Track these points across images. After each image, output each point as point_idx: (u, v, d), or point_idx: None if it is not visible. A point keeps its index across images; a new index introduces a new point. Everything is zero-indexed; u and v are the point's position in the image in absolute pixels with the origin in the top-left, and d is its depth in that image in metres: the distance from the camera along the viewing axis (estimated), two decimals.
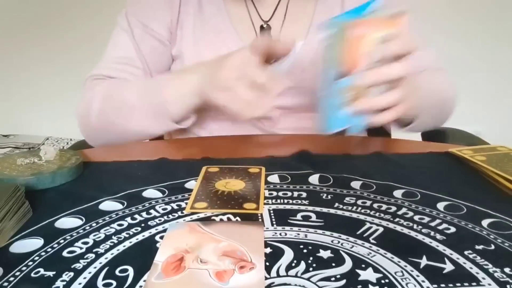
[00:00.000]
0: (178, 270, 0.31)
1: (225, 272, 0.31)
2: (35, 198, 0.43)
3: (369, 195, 0.45)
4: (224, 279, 0.30)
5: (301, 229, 0.38)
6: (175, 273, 0.31)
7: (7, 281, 0.31)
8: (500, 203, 0.43)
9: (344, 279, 0.31)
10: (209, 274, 0.31)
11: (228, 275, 0.31)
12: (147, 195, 0.45)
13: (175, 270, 0.31)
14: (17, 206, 0.39)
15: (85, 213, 0.41)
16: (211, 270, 0.31)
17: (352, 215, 0.41)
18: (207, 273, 0.31)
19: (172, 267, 0.32)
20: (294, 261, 0.33)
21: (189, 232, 0.37)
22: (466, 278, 0.31)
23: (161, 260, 0.33)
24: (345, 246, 0.35)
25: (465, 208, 0.42)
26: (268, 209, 0.42)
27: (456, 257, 0.34)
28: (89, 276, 0.32)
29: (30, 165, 0.49)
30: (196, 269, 0.31)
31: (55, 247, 0.36)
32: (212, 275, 0.31)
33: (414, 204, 0.43)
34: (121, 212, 0.41)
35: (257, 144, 0.68)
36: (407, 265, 0.33)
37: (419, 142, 0.64)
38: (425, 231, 0.38)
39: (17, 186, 0.41)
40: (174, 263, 0.32)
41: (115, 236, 0.37)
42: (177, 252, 0.34)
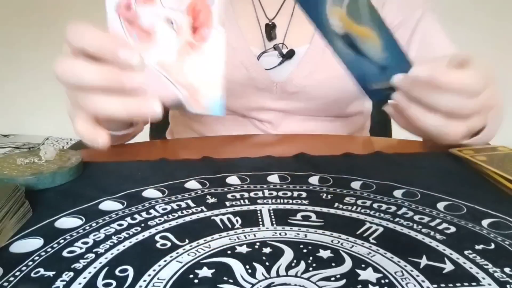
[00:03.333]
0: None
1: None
2: (35, 198, 0.43)
3: (369, 195, 0.45)
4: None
5: (301, 229, 0.38)
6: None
7: (7, 281, 0.31)
8: (500, 203, 0.43)
9: (344, 279, 0.31)
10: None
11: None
12: (147, 195, 0.45)
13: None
14: (17, 206, 0.39)
15: (85, 213, 0.41)
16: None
17: (352, 215, 0.41)
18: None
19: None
20: (294, 261, 0.33)
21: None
22: (466, 278, 0.31)
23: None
24: (345, 246, 0.35)
25: (465, 208, 0.42)
26: (268, 209, 0.42)
27: (456, 257, 0.34)
28: (89, 276, 0.32)
29: (30, 165, 0.49)
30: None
31: (55, 247, 0.36)
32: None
33: (414, 204, 0.43)
34: (121, 212, 0.41)
35: (257, 144, 0.68)
36: (407, 265, 0.33)
37: (419, 142, 0.64)
38: (425, 231, 0.38)
39: (17, 186, 0.41)
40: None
41: (115, 236, 0.37)
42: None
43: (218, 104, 0.33)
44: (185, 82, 0.32)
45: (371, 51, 0.43)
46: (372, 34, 0.41)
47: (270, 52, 0.72)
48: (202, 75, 0.32)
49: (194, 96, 0.33)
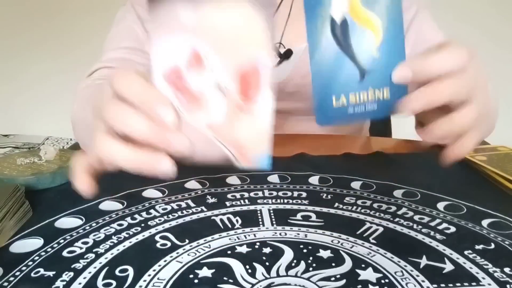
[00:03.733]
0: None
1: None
2: (35, 198, 0.43)
3: (369, 195, 0.45)
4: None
5: (301, 229, 0.38)
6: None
7: (7, 281, 0.31)
8: (500, 203, 0.43)
9: (344, 279, 0.31)
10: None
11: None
12: (147, 195, 0.45)
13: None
14: (17, 206, 0.39)
15: (85, 213, 0.41)
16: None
17: (352, 215, 0.41)
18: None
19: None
20: (294, 261, 0.33)
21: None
22: (466, 278, 0.31)
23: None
24: (345, 246, 0.35)
25: (465, 208, 0.42)
26: (268, 209, 0.42)
27: (456, 257, 0.34)
28: (89, 276, 0.32)
29: (30, 165, 0.49)
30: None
31: (55, 247, 0.36)
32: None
33: (414, 204, 0.43)
34: (121, 212, 0.41)
35: None
36: (407, 265, 0.33)
37: (419, 142, 0.64)
38: (425, 231, 0.38)
39: (17, 186, 0.41)
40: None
41: (115, 236, 0.37)
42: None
43: (265, 158, 0.33)
44: (234, 142, 0.33)
45: (363, 46, 0.35)
46: (376, 25, 0.35)
47: None
48: (250, 134, 0.33)
49: (241, 151, 0.33)
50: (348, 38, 0.34)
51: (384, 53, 0.35)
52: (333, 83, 0.35)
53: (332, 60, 0.35)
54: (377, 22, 0.35)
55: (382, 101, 0.36)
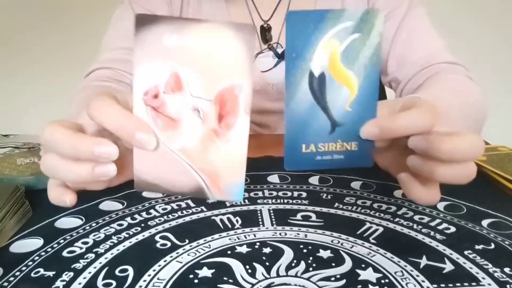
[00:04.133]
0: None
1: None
2: (35, 198, 0.43)
3: (369, 195, 0.45)
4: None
5: (301, 229, 0.38)
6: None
7: (7, 281, 0.31)
8: (500, 203, 0.43)
9: (344, 279, 0.31)
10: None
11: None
12: (147, 195, 0.45)
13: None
14: (17, 206, 0.39)
15: (85, 213, 0.41)
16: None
17: (352, 215, 0.41)
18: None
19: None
20: (294, 261, 0.33)
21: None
22: (466, 278, 0.31)
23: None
24: (345, 246, 0.35)
25: (465, 208, 0.42)
26: (268, 209, 0.42)
27: (456, 257, 0.34)
28: (89, 276, 0.32)
29: (30, 165, 0.49)
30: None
31: (55, 247, 0.36)
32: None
33: (414, 204, 0.43)
34: (121, 212, 0.41)
35: (257, 144, 0.68)
36: (407, 265, 0.33)
37: None
38: (425, 231, 0.38)
39: (17, 186, 0.41)
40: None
41: (115, 236, 0.37)
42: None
43: (238, 190, 0.34)
44: (207, 168, 0.34)
45: (337, 101, 0.36)
46: (353, 82, 0.36)
47: (266, 53, 0.72)
48: (225, 161, 0.33)
49: (215, 181, 0.34)
50: (324, 91, 0.36)
51: (357, 109, 0.37)
52: (304, 132, 0.37)
53: (306, 110, 0.36)
54: (354, 80, 0.36)
55: (350, 152, 0.37)
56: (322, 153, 0.38)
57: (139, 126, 0.33)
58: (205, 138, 0.33)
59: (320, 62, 0.35)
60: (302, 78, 0.35)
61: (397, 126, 0.35)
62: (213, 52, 0.32)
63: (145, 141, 0.33)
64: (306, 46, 0.35)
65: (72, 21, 1.96)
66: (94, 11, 1.89)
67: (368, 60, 0.36)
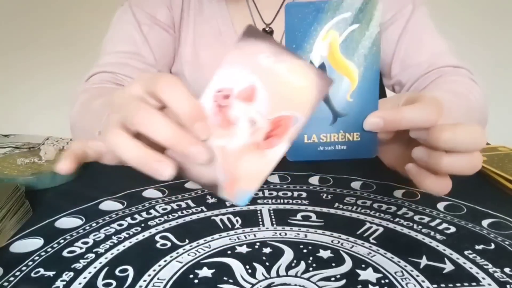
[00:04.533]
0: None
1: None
2: (35, 198, 0.43)
3: (369, 195, 0.45)
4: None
5: (301, 229, 0.38)
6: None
7: (7, 281, 0.31)
8: (500, 203, 0.43)
9: (344, 279, 0.31)
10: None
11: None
12: (147, 195, 0.45)
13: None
14: (17, 206, 0.39)
15: (85, 213, 0.41)
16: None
17: (352, 215, 0.41)
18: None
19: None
20: (294, 261, 0.33)
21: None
22: (466, 278, 0.31)
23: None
24: (345, 246, 0.35)
25: (465, 208, 0.42)
26: (268, 209, 0.42)
27: (456, 257, 0.34)
28: (89, 276, 0.32)
29: (30, 165, 0.49)
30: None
31: (55, 247, 0.36)
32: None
33: (414, 204, 0.43)
34: (121, 212, 0.41)
35: None
36: (407, 265, 0.33)
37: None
38: (425, 231, 0.38)
39: (17, 186, 0.41)
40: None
41: (115, 236, 0.37)
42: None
43: (246, 196, 0.35)
44: (233, 171, 0.35)
45: (338, 91, 0.36)
46: (353, 72, 0.36)
47: None
48: (250, 170, 0.35)
49: (232, 184, 0.35)
50: None
51: (358, 100, 0.37)
52: (306, 123, 0.37)
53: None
54: (354, 70, 0.36)
55: (352, 143, 0.37)
56: (325, 144, 0.38)
57: (200, 114, 0.33)
58: (246, 146, 0.35)
59: (320, 53, 0.36)
60: None
61: (401, 118, 0.35)
62: (291, 83, 0.34)
63: (201, 130, 0.33)
64: (305, 37, 0.35)
65: (73, 22, 1.96)
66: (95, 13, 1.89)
67: (368, 50, 0.36)
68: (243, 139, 0.34)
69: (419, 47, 0.68)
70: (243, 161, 0.35)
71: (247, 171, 0.35)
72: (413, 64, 0.67)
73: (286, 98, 0.34)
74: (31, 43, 2.01)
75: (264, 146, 0.34)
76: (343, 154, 0.38)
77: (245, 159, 0.35)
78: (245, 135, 0.34)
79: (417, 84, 0.66)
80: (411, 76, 0.67)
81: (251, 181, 0.35)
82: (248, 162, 0.35)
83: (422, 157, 0.35)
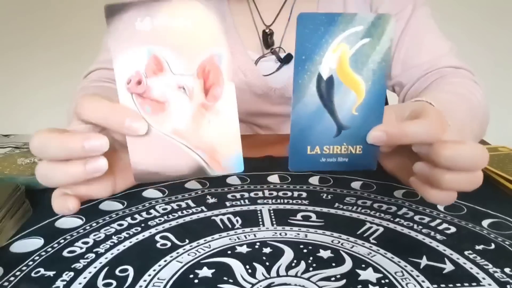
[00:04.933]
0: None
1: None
2: (35, 198, 0.43)
3: (369, 195, 0.45)
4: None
5: (301, 229, 0.38)
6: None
7: (7, 280, 0.31)
8: (500, 203, 0.43)
9: (344, 279, 0.31)
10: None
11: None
12: (147, 195, 0.45)
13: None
14: (17, 205, 0.39)
15: (85, 213, 0.41)
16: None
17: (352, 215, 0.41)
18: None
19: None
20: (294, 261, 0.33)
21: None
22: (466, 278, 0.31)
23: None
24: (345, 246, 0.35)
25: (465, 208, 0.42)
26: (268, 209, 0.42)
27: (456, 257, 0.34)
28: (89, 276, 0.32)
29: (30, 165, 0.49)
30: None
31: (55, 247, 0.36)
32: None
33: (414, 204, 0.43)
34: (121, 212, 0.41)
35: (257, 144, 0.68)
36: (407, 265, 0.33)
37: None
38: (425, 231, 0.38)
39: (17, 186, 0.41)
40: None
41: (115, 236, 0.37)
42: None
43: (238, 161, 0.34)
44: (204, 145, 0.34)
45: (344, 104, 0.36)
46: (361, 86, 0.36)
47: (268, 57, 0.71)
48: (219, 134, 0.33)
49: (214, 157, 0.34)
50: (331, 95, 0.36)
51: (363, 114, 0.37)
52: (310, 134, 0.37)
53: (313, 112, 0.36)
54: (362, 84, 0.36)
55: (354, 155, 0.38)
56: (327, 155, 0.38)
57: (127, 113, 0.33)
58: (195, 115, 0.33)
59: (329, 65, 0.35)
60: (310, 81, 0.35)
61: (404, 134, 0.35)
62: (186, 27, 0.32)
63: (135, 127, 0.33)
64: (315, 48, 0.35)
65: (72, 22, 1.96)
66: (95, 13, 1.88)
67: (377, 65, 0.36)
68: (186, 109, 0.33)
69: (419, 48, 0.67)
70: (204, 130, 0.33)
71: (217, 137, 0.33)
72: (413, 65, 0.67)
73: (192, 43, 0.32)
74: (31, 43, 2.01)
75: (211, 101, 0.32)
76: (344, 166, 0.38)
77: (205, 127, 0.33)
78: (184, 105, 0.33)
79: (417, 85, 0.66)
80: (412, 77, 0.67)
81: (229, 143, 0.33)
82: (211, 128, 0.33)
83: (423, 172, 0.36)
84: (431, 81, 0.64)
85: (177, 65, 0.32)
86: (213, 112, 0.33)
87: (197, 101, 0.32)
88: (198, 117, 0.33)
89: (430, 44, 0.68)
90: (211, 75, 0.32)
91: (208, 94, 0.32)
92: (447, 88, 0.59)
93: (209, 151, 0.34)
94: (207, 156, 0.34)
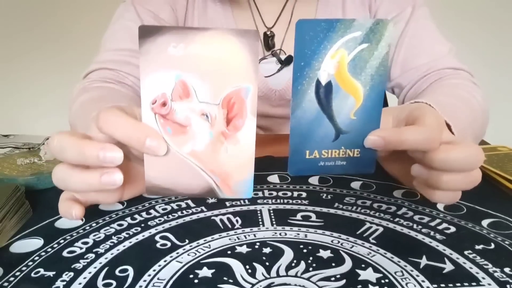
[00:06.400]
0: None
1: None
2: (35, 198, 0.43)
3: (368, 195, 0.45)
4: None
5: (301, 229, 0.38)
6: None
7: (7, 281, 0.31)
8: (500, 203, 0.43)
9: (344, 279, 0.31)
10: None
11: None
12: (147, 195, 0.45)
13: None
14: (17, 206, 0.39)
15: (85, 213, 0.41)
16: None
17: (352, 215, 0.41)
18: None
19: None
20: (294, 261, 0.33)
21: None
22: (466, 278, 0.31)
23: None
24: (345, 246, 0.35)
25: (465, 208, 0.42)
26: (268, 209, 0.42)
27: (456, 257, 0.34)
28: (89, 276, 0.32)
29: (30, 165, 0.49)
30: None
31: (55, 247, 0.36)
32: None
33: (414, 204, 0.43)
34: (121, 212, 0.41)
35: (257, 144, 0.68)
36: (407, 265, 0.33)
37: None
38: (425, 231, 0.38)
39: (17, 186, 0.41)
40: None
41: (115, 236, 0.37)
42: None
43: (248, 187, 0.35)
44: (218, 170, 0.35)
45: (342, 109, 0.36)
46: (359, 91, 0.36)
47: (269, 59, 0.72)
48: (234, 161, 0.35)
49: (226, 181, 0.35)
50: (330, 100, 0.36)
51: (361, 118, 0.37)
52: (309, 138, 0.38)
53: (312, 117, 0.37)
54: (360, 89, 0.37)
55: (352, 158, 0.38)
56: (325, 159, 0.38)
57: (148, 133, 0.33)
58: (214, 141, 0.34)
59: (328, 70, 0.35)
60: (309, 86, 0.36)
61: (402, 140, 0.36)
62: (218, 58, 0.32)
63: (155, 147, 0.34)
64: (314, 55, 0.35)
65: (72, 22, 1.96)
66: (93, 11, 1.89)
67: (375, 70, 0.36)
68: (206, 135, 0.33)
69: (418, 49, 0.67)
70: (221, 156, 0.34)
71: (232, 164, 0.34)
72: (412, 67, 0.66)
73: (222, 74, 0.32)
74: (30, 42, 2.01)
75: (231, 132, 0.33)
76: (342, 169, 0.38)
77: (221, 153, 0.34)
78: (205, 130, 0.33)
79: (416, 87, 0.66)
80: (411, 79, 0.67)
81: (242, 170, 0.34)
82: (227, 155, 0.34)
83: (420, 174, 0.36)
84: (430, 83, 0.64)
85: (203, 93, 0.33)
86: (232, 142, 0.34)
87: (218, 129, 0.33)
88: (217, 144, 0.34)
89: (429, 45, 0.68)
90: (235, 107, 0.33)
91: (229, 124, 0.33)
92: (447, 90, 0.59)
93: (222, 175, 0.35)
94: (219, 180, 0.35)
